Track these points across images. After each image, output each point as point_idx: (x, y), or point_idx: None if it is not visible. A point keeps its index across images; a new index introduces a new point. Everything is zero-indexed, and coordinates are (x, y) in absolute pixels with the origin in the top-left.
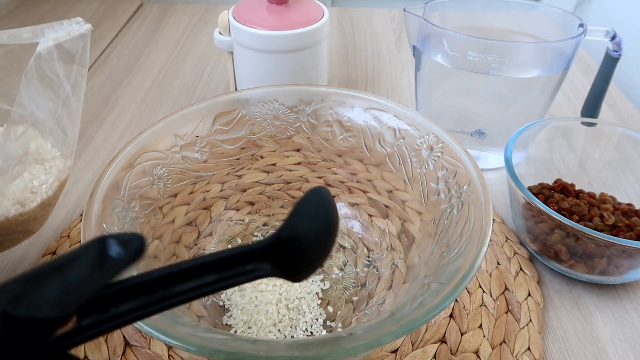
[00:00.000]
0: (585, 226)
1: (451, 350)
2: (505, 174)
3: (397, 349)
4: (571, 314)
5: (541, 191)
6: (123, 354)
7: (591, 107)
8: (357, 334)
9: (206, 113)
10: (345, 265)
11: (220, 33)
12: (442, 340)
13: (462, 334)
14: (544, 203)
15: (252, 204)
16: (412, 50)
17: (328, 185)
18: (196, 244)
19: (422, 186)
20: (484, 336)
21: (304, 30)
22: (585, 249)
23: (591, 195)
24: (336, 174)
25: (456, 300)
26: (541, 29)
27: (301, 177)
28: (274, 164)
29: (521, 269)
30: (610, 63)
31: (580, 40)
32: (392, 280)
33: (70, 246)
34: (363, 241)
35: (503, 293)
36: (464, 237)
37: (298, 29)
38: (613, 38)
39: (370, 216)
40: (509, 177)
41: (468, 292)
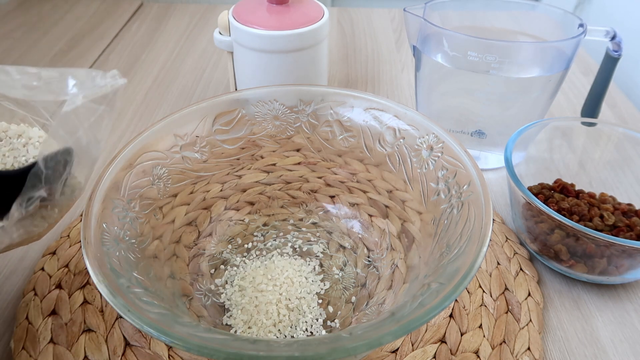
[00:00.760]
0: (585, 226)
1: (451, 350)
2: (505, 174)
3: (397, 349)
4: (571, 314)
5: (541, 191)
6: (123, 354)
7: (591, 107)
8: (357, 334)
9: (206, 113)
10: (345, 265)
11: (220, 33)
12: (442, 340)
13: (462, 334)
14: (544, 203)
15: (252, 204)
16: (412, 50)
17: (328, 185)
18: (196, 244)
19: (422, 186)
20: (484, 336)
21: (304, 30)
22: (585, 249)
23: (591, 195)
24: (336, 174)
25: (456, 300)
26: (541, 29)
27: (301, 177)
28: (274, 164)
29: (521, 269)
30: (610, 63)
31: (580, 40)
32: (392, 280)
33: (70, 246)
34: (363, 241)
35: (503, 293)
36: (464, 237)
37: (298, 29)
38: (613, 38)
39: (370, 216)
40: (509, 177)
41: (468, 292)
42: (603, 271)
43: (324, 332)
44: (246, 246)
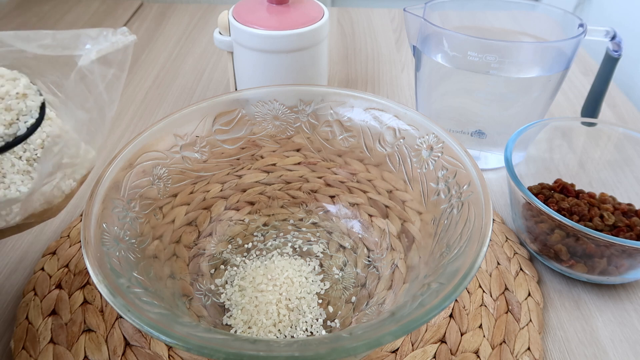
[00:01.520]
0: (585, 226)
1: (451, 350)
2: (505, 174)
3: (397, 349)
4: (571, 314)
5: (541, 191)
6: (123, 354)
7: (591, 107)
8: (357, 334)
9: (206, 113)
10: (345, 265)
11: (220, 33)
12: (442, 340)
13: (462, 334)
14: (544, 203)
15: (252, 204)
16: (412, 50)
17: (328, 185)
18: (196, 244)
19: (422, 186)
20: (484, 336)
21: (304, 30)
22: (585, 249)
23: (591, 195)
24: (336, 174)
25: (456, 300)
26: (541, 29)
27: (301, 177)
28: (274, 164)
29: (521, 269)
30: (610, 63)
31: (580, 40)
32: (392, 280)
33: (70, 246)
34: (363, 241)
35: (503, 293)
36: (464, 237)
37: (298, 29)
38: (613, 38)
39: (370, 216)
40: (509, 177)
41: (468, 292)
42: (603, 271)
43: (324, 332)
44: (246, 246)
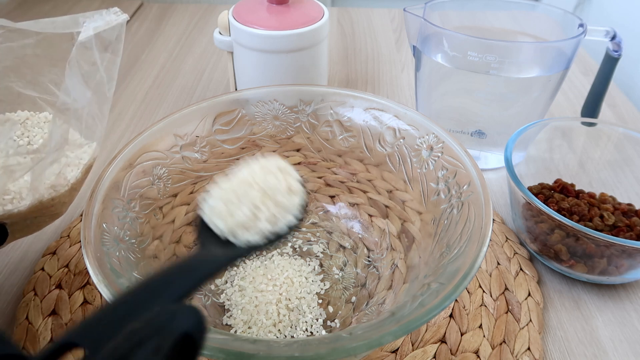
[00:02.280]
0: (585, 226)
1: (451, 350)
2: (505, 174)
3: (397, 349)
4: (571, 314)
5: (541, 191)
6: None
7: (591, 107)
8: (357, 334)
9: (206, 113)
10: (345, 265)
11: (220, 33)
12: (442, 340)
13: (462, 334)
14: (544, 203)
15: None
16: (412, 50)
17: (328, 185)
18: (196, 244)
19: (422, 186)
20: (484, 336)
21: (304, 30)
22: (585, 249)
23: (591, 195)
24: (336, 174)
25: (456, 300)
26: (541, 29)
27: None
28: None
29: (521, 269)
30: (610, 63)
31: (580, 40)
32: (392, 280)
33: (70, 246)
34: (363, 241)
35: (503, 293)
36: (464, 237)
37: (298, 29)
38: (613, 38)
39: (370, 216)
40: (509, 177)
41: (468, 292)
42: (603, 271)
43: (324, 332)
44: None
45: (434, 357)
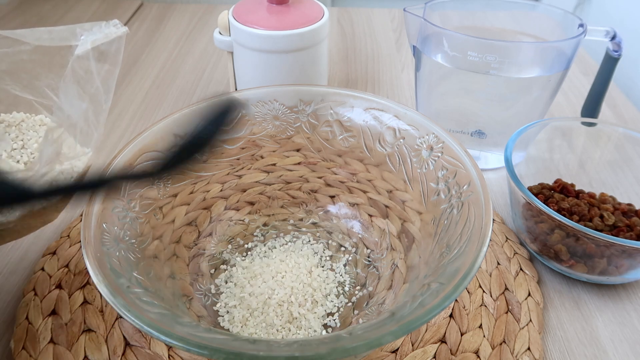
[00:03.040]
0: (585, 226)
1: (451, 350)
2: (505, 174)
3: (397, 349)
4: (571, 314)
5: (541, 191)
6: (123, 354)
7: (591, 107)
8: (357, 334)
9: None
10: (345, 265)
11: (220, 33)
12: (442, 340)
13: (462, 334)
14: (544, 203)
15: (252, 204)
16: (412, 50)
17: (328, 185)
18: (196, 244)
19: (422, 186)
20: (484, 336)
21: (304, 30)
22: (585, 249)
23: (591, 195)
24: (336, 174)
25: (456, 300)
26: (541, 29)
27: (301, 177)
28: (274, 164)
29: (521, 269)
30: (610, 63)
31: (580, 40)
32: (392, 280)
33: (70, 246)
34: (363, 241)
35: (503, 293)
36: (464, 237)
37: (298, 29)
38: (613, 38)
39: (370, 216)
40: (509, 177)
41: (468, 292)
42: (603, 271)
43: (324, 332)
44: (246, 246)
45: (434, 357)
